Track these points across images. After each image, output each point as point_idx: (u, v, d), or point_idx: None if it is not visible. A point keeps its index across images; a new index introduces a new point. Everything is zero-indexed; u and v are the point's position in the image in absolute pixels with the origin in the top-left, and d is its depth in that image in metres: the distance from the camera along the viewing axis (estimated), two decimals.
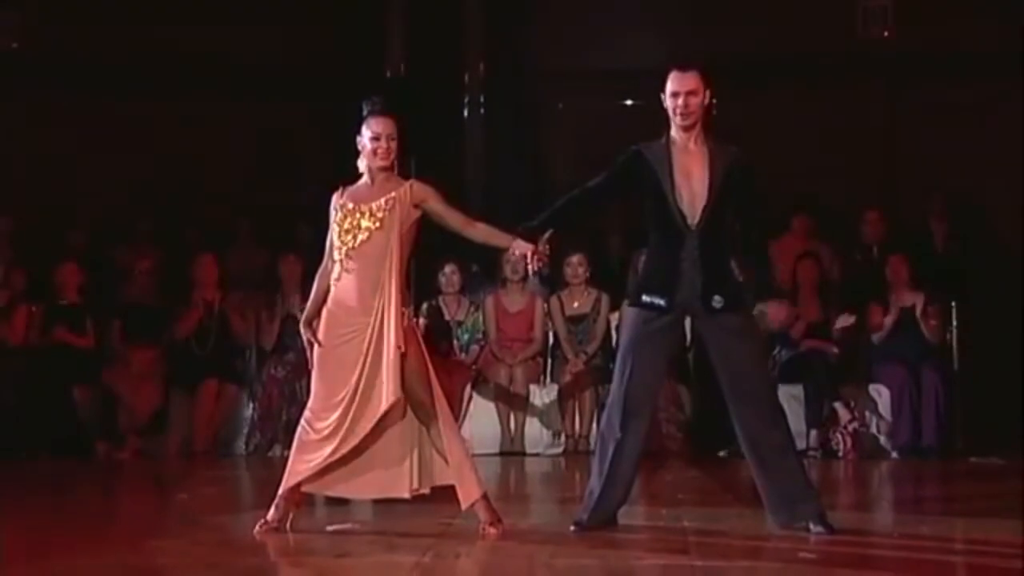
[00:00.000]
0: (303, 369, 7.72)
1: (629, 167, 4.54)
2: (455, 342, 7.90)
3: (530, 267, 4.60)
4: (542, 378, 7.85)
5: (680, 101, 4.44)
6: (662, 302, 4.44)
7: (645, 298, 4.47)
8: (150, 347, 7.86)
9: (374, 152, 4.59)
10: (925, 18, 8.96)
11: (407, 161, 9.55)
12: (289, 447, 7.40)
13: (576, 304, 7.82)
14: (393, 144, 4.60)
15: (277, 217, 9.16)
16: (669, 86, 4.47)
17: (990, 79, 8.92)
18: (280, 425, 7.64)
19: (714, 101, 4.46)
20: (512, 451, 7.61)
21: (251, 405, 7.76)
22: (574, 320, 7.80)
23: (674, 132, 4.53)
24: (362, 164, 4.66)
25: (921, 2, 9.02)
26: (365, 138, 4.57)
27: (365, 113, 4.59)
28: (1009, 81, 8.84)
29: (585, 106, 9.31)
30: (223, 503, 5.88)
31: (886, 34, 9.07)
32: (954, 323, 7.50)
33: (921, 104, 9.09)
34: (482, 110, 9.25)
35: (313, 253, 8.62)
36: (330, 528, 4.73)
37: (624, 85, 9.32)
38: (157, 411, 7.71)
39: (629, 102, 9.47)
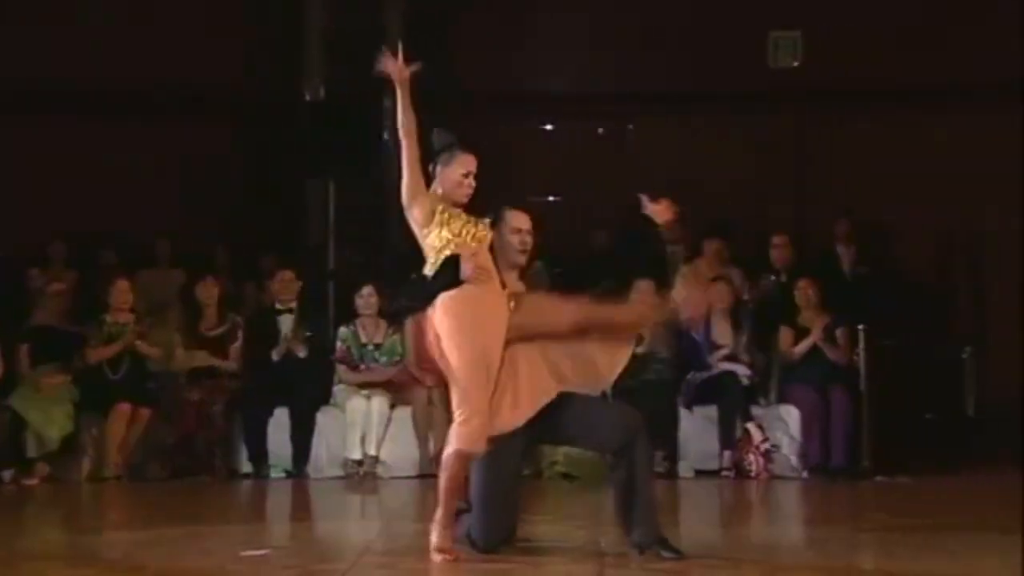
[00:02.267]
0: (219, 392, 7.71)
1: None
2: (373, 365, 7.84)
3: None
4: None
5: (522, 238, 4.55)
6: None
7: None
8: (60, 371, 7.69)
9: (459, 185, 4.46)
10: (834, 49, 9.18)
11: (325, 185, 9.51)
12: (205, 473, 7.44)
13: None
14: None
15: (195, 239, 9.07)
16: (512, 223, 4.54)
17: (897, 108, 9.14)
18: (196, 450, 7.53)
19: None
20: (431, 473, 7.56)
21: (166, 430, 7.62)
22: None
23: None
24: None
25: (830, 34, 9.23)
26: (457, 173, 4.46)
27: (451, 145, 4.49)
28: (915, 110, 9.12)
29: (508, 130, 9.31)
30: (133, 530, 5.75)
31: (796, 64, 9.29)
32: (861, 345, 7.65)
33: (830, 132, 9.30)
34: None
35: (230, 276, 8.67)
36: (244, 553, 4.66)
37: (547, 110, 9.38)
38: (67, 436, 7.52)
39: (550, 127, 9.53)
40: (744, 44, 9.28)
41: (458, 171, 4.45)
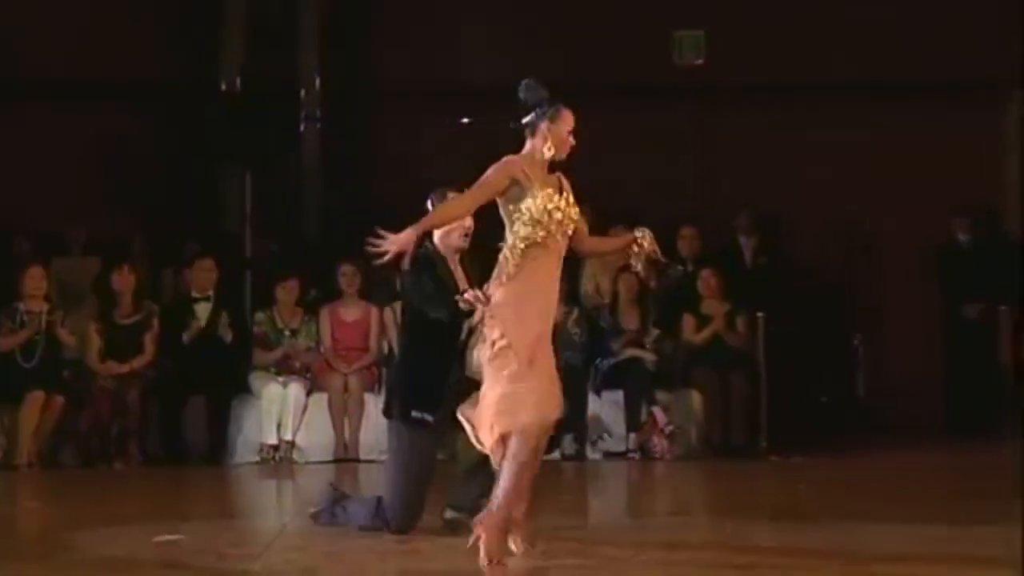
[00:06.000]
0: (134, 381, 7.71)
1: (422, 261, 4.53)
2: (290, 351, 7.91)
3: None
4: (376, 386, 7.88)
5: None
6: (431, 418, 4.58)
7: (415, 414, 4.59)
8: None
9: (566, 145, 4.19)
10: (736, 48, 9.37)
11: (241, 174, 9.46)
12: (120, 460, 7.41)
13: None
14: None
15: (110, 227, 9.01)
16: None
17: (797, 105, 9.37)
18: (111, 438, 7.50)
19: None
20: (346, 458, 7.68)
21: (80, 416, 7.56)
22: None
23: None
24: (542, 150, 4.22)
25: (732, 33, 9.41)
26: (563, 130, 4.22)
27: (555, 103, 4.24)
28: (816, 107, 9.38)
29: (423, 124, 9.29)
30: (46, 517, 5.73)
31: (700, 62, 9.50)
32: (760, 332, 7.94)
33: (733, 128, 9.48)
34: (319, 125, 9.18)
35: (146, 263, 8.63)
36: (158, 539, 4.67)
37: (463, 104, 9.33)
38: None
39: (467, 120, 9.61)
40: (649, 41, 9.41)
41: (564, 128, 4.25)
